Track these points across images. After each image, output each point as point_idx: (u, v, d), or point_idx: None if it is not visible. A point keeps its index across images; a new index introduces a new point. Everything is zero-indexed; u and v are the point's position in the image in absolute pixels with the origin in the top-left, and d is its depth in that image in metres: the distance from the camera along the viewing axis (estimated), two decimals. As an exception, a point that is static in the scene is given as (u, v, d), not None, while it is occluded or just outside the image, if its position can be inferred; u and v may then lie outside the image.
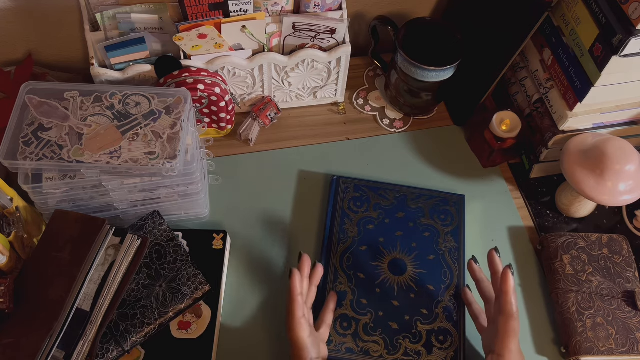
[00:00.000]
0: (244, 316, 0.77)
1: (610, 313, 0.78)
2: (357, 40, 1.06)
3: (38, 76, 0.89)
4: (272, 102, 0.93)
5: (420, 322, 0.76)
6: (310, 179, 0.90)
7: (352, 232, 0.83)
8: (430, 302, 0.78)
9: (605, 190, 0.78)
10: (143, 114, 0.72)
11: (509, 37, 0.84)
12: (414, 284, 0.79)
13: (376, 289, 0.78)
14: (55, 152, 0.68)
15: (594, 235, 0.85)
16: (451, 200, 0.87)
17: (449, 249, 0.82)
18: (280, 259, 0.82)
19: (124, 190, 0.74)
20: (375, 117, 0.99)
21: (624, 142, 0.79)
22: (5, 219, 0.69)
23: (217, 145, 0.92)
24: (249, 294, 0.79)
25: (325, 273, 0.79)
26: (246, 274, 0.81)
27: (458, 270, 0.81)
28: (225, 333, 0.76)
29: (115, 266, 0.68)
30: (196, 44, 0.81)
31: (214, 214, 0.85)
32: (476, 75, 0.91)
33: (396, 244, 0.82)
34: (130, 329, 0.68)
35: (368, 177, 0.90)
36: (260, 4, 0.81)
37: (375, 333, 0.75)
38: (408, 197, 0.87)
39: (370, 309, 0.76)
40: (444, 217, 0.85)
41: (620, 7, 0.71)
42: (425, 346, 0.74)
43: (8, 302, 0.63)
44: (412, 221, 0.84)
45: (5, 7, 0.84)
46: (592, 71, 0.77)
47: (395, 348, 0.74)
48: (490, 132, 0.89)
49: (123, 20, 0.79)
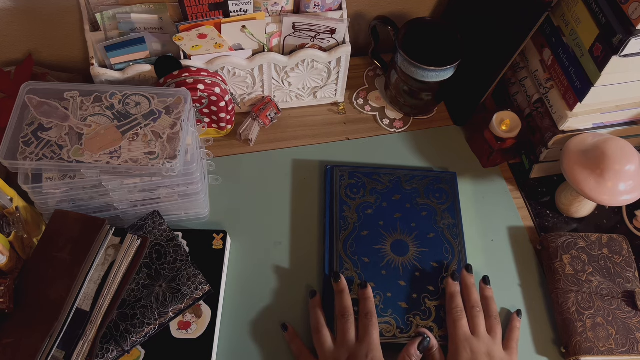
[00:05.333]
0: (244, 316, 0.77)
1: (610, 313, 0.78)
2: (357, 40, 1.06)
3: (38, 76, 0.89)
4: (272, 102, 0.93)
5: (428, 298, 0.78)
6: (310, 179, 0.90)
7: (352, 219, 0.84)
8: (436, 278, 0.79)
9: (605, 190, 0.78)
10: (143, 114, 0.72)
11: (509, 37, 0.84)
12: (417, 263, 0.80)
13: (382, 271, 0.79)
14: (55, 152, 0.68)
15: (594, 235, 0.85)
16: (444, 179, 0.89)
17: (447, 225, 0.84)
18: (281, 258, 0.82)
19: (124, 190, 0.74)
20: (375, 117, 0.99)
21: (624, 142, 0.79)
22: (5, 219, 0.69)
23: (217, 145, 0.92)
24: (249, 294, 0.79)
25: (331, 261, 0.80)
26: (246, 274, 0.81)
27: (458, 245, 0.83)
28: (225, 333, 0.76)
29: (115, 266, 0.68)
30: (196, 44, 0.81)
31: (214, 214, 0.85)
32: (476, 75, 0.91)
33: (396, 226, 0.84)
34: (130, 329, 0.68)
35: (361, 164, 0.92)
36: (260, 4, 0.81)
37: (386, 314, 0.76)
38: (402, 179, 0.88)
39: (379, 291, 0.78)
40: (439, 195, 0.87)
41: (620, 7, 0.71)
42: (436, 321, 0.76)
43: (8, 302, 0.63)
44: (408, 202, 0.86)
45: (5, 7, 0.84)
46: (592, 71, 0.77)
47: (407, 327, 0.76)
48: (490, 132, 0.89)
49: (123, 20, 0.79)
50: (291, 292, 0.80)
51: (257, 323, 0.77)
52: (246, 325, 0.77)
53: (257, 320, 0.77)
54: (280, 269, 0.82)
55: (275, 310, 0.78)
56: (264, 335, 0.76)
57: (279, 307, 0.78)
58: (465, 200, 0.89)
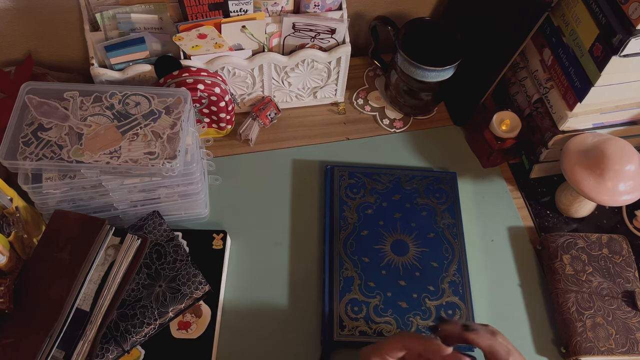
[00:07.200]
0: (244, 316, 0.77)
1: (610, 313, 0.78)
2: (357, 40, 1.06)
3: (38, 76, 0.89)
4: (272, 102, 0.93)
5: (428, 298, 0.78)
6: (310, 179, 0.90)
7: (352, 219, 0.84)
8: (436, 278, 0.80)
9: (605, 190, 0.78)
10: (143, 114, 0.72)
11: (509, 37, 0.84)
12: (417, 263, 0.81)
13: (382, 271, 0.79)
14: (55, 152, 0.68)
15: (594, 235, 0.85)
16: (444, 179, 0.89)
17: (447, 225, 0.85)
18: (281, 258, 0.82)
19: (123, 190, 0.74)
20: (375, 117, 0.99)
21: (624, 142, 0.79)
22: (5, 219, 0.69)
23: (217, 145, 0.92)
24: (249, 294, 0.79)
25: (331, 261, 0.80)
26: (246, 274, 0.81)
27: (458, 245, 0.83)
28: (225, 333, 0.76)
29: (115, 266, 0.68)
30: (196, 44, 0.81)
31: (214, 214, 0.85)
32: (476, 75, 0.91)
33: (396, 226, 0.84)
34: (130, 329, 0.68)
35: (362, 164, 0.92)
36: (260, 4, 0.81)
37: (386, 314, 0.76)
38: (402, 179, 0.89)
39: (379, 291, 0.78)
40: (439, 195, 0.87)
41: (620, 7, 0.71)
42: (436, 321, 0.75)
43: (8, 302, 0.63)
44: (408, 202, 0.86)
45: (5, 7, 0.84)
46: (592, 71, 0.77)
47: (407, 326, 0.76)
48: (490, 132, 0.89)
49: (123, 20, 0.79)
50: (291, 292, 0.79)
51: (257, 323, 0.77)
52: (246, 325, 0.77)
53: (257, 320, 0.77)
54: (280, 269, 0.81)
55: (275, 311, 0.78)
56: (264, 335, 0.76)
57: (279, 307, 0.78)
58: (465, 200, 0.89)
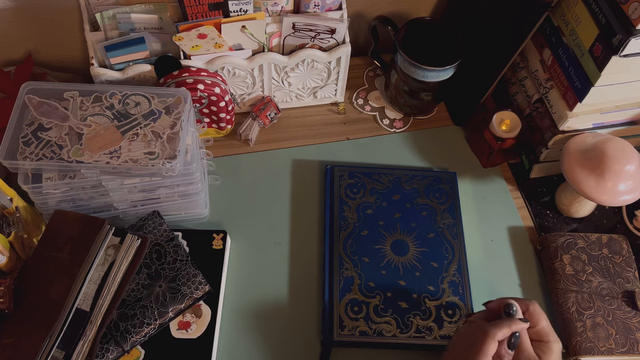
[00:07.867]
0: (244, 316, 0.77)
1: (610, 313, 0.78)
2: (357, 40, 1.06)
3: (38, 76, 0.89)
4: (272, 102, 0.93)
5: (428, 298, 0.78)
6: (310, 179, 0.90)
7: (352, 219, 0.84)
8: (436, 278, 0.80)
9: (605, 190, 0.78)
10: (143, 114, 0.72)
11: (509, 37, 0.84)
12: (417, 263, 0.81)
13: (382, 271, 0.79)
14: (55, 152, 0.68)
15: (594, 235, 0.85)
16: (444, 179, 0.89)
17: (447, 225, 0.84)
18: (281, 258, 0.82)
19: (123, 190, 0.74)
20: (375, 117, 0.99)
21: (624, 142, 0.79)
22: (5, 219, 0.69)
23: (217, 145, 0.92)
24: (249, 294, 0.79)
25: (331, 261, 0.80)
26: (246, 274, 0.81)
27: (458, 245, 0.83)
28: (225, 333, 0.76)
29: (115, 266, 0.68)
30: (196, 44, 0.81)
31: (214, 214, 0.85)
32: (476, 75, 0.91)
33: (396, 226, 0.84)
34: (130, 329, 0.68)
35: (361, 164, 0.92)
36: (260, 4, 0.81)
37: (386, 314, 0.76)
38: (402, 179, 0.89)
39: (379, 291, 0.78)
40: (439, 195, 0.87)
41: (620, 7, 0.71)
42: (436, 321, 0.76)
43: (8, 302, 0.63)
44: (408, 202, 0.86)
45: (5, 7, 0.84)
46: (592, 71, 0.77)
47: (407, 326, 0.76)
48: (490, 132, 0.89)
49: (123, 20, 0.79)
50: (291, 292, 0.79)
51: (257, 323, 0.77)
52: (246, 325, 0.77)
53: (257, 320, 0.77)
54: (280, 269, 0.81)
55: (275, 310, 0.78)
56: (264, 335, 0.76)
57: (279, 307, 0.78)
58: (465, 200, 0.89)
